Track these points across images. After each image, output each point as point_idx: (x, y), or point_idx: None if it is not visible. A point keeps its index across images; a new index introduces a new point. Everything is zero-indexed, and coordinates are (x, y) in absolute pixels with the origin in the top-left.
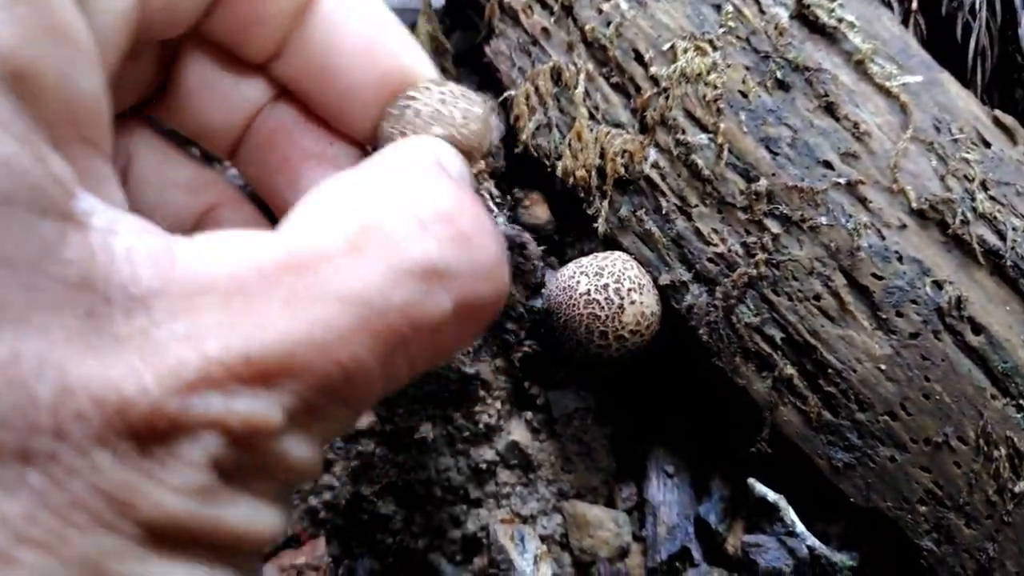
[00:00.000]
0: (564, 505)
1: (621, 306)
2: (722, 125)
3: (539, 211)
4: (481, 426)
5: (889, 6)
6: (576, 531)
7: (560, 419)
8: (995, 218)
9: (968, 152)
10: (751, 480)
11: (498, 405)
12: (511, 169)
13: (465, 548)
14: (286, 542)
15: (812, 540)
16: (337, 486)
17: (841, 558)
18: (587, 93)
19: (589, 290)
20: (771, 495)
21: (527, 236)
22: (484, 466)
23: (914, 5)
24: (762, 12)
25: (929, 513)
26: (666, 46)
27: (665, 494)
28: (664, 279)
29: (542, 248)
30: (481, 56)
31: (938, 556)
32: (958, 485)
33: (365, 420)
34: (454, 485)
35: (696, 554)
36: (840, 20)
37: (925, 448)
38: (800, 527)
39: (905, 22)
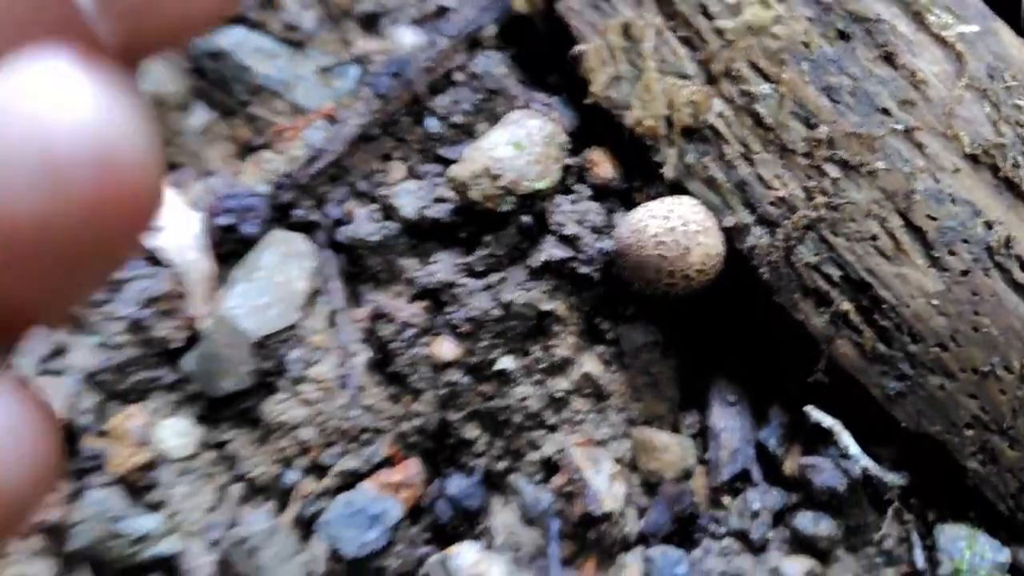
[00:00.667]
0: (633, 431)
1: (688, 247)
2: (785, 75)
3: (602, 170)
4: (556, 358)
5: None
6: (644, 455)
7: (629, 352)
8: None
9: (1020, 99)
10: (808, 407)
11: (572, 339)
12: (582, 127)
13: (543, 469)
14: (380, 463)
15: (865, 461)
16: (426, 412)
17: (892, 478)
18: (655, 47)
19: (658, 233)
20: (827, 421)
21: None
22: (559, 395)
23: None
24: None
25: (975, 436)
26: (732, 0)
27: (727, 421)
28: (728, 222)
29: (609, 205)
30: (552, 12)
31: (982, 476)
32: (1002, 411)
33: (451, 352)
34: (532, 412)
35: (756, 475)
36: None
37: (973, 377)
38: (854, 450)
39: None
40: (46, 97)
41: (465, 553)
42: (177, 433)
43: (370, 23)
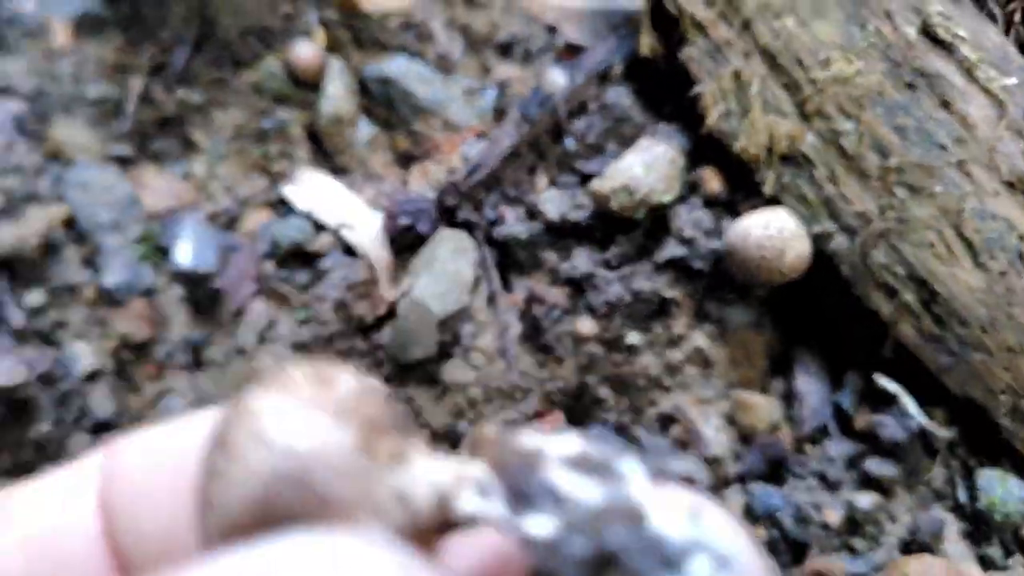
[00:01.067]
0: (732, 393)
1: (783, 250)
2: (864, 116)
3: (712, 186)
4: (673, 334)
5: (994, 19)
6: (741, 412)
7: (731, 330)
8: None
9: None
10: (877, 376)
11: (686, 319)
12: (694, 149)
13: (660, 422)
14: (532, 416)
15: (921, 418)
16: (568, 376)
17: (942, 432)
18: (760, 90)
19: (759, 237)
20: (892, 387)
21: None
22: (675, 364)
23: (1016, 18)
24: (896, 30)
25: (1007, 400)
26: (822, 56)
27: (809, 386)
28: (815, 229)
29: (717, 213)
30: (674, 58)
31: (1013, 431)
32: None
33: (590, 328)
34: (652, 377)
35: (832, 429)
36: (955, 35)
37: (1007, 354)
38: (913, 409)
39: (1007, 32)
40: None
41: None
42: None
43: (505, 51)
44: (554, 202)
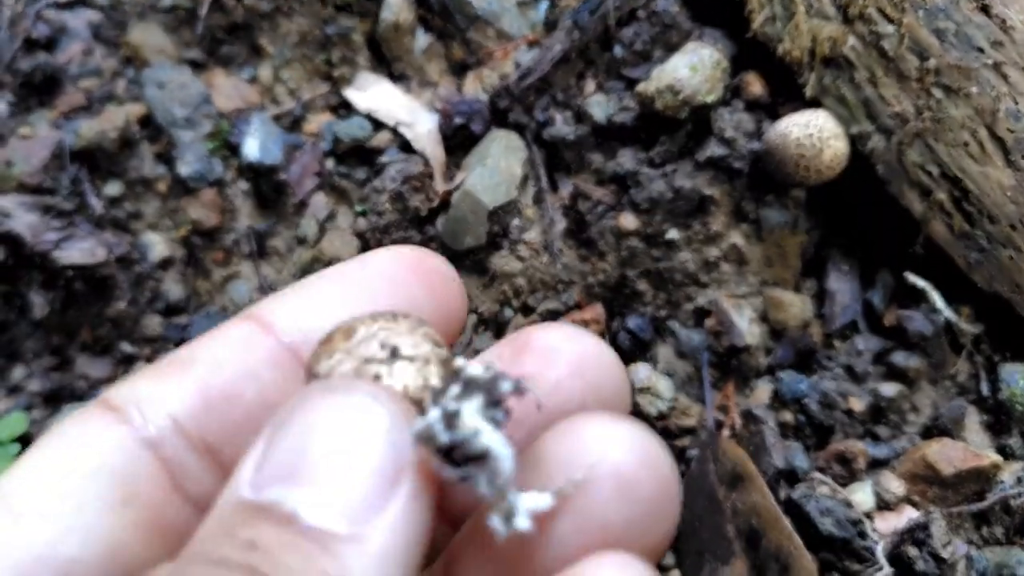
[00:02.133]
0: (765, 291)
1: (821, 149)
2: (905, 19)
3: (754, 89)
4: (711, 232)
5: None
6: (773, 309)
7: (766, 229)
8: None
9: None
10: (907, 273)
11: (723, 218)
12: (738, 54)
13: (695, 316)
14: (572, 306)
15: (948, 313)
16: (609, 269)
17: (968, 327)
18: None
19: (799, 137)
20: (921, 283)
21: None
22: (712, 260)
23: None
24: None
25: None
26: None
27: (840, 284)
28: (853, 130)
29: (757, 116)
30: None
31: None
32: None
33: (632, 224)
34: (690, 272)
35: (862, 326)
36: None
37: None
38: (940, 304)
39: None
40: None
41: (641, 370)
42: None
43: None
44: (601, 105)
